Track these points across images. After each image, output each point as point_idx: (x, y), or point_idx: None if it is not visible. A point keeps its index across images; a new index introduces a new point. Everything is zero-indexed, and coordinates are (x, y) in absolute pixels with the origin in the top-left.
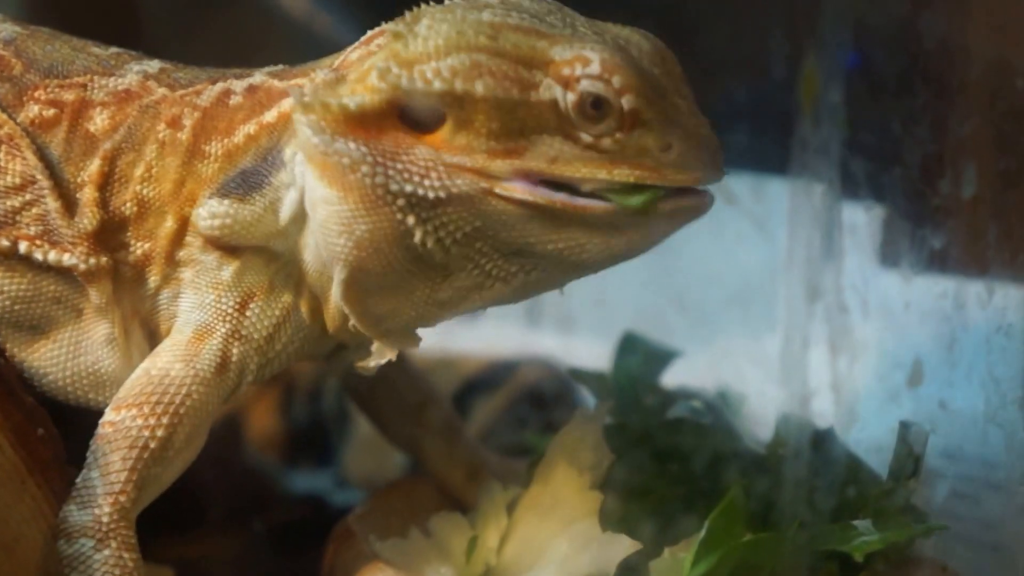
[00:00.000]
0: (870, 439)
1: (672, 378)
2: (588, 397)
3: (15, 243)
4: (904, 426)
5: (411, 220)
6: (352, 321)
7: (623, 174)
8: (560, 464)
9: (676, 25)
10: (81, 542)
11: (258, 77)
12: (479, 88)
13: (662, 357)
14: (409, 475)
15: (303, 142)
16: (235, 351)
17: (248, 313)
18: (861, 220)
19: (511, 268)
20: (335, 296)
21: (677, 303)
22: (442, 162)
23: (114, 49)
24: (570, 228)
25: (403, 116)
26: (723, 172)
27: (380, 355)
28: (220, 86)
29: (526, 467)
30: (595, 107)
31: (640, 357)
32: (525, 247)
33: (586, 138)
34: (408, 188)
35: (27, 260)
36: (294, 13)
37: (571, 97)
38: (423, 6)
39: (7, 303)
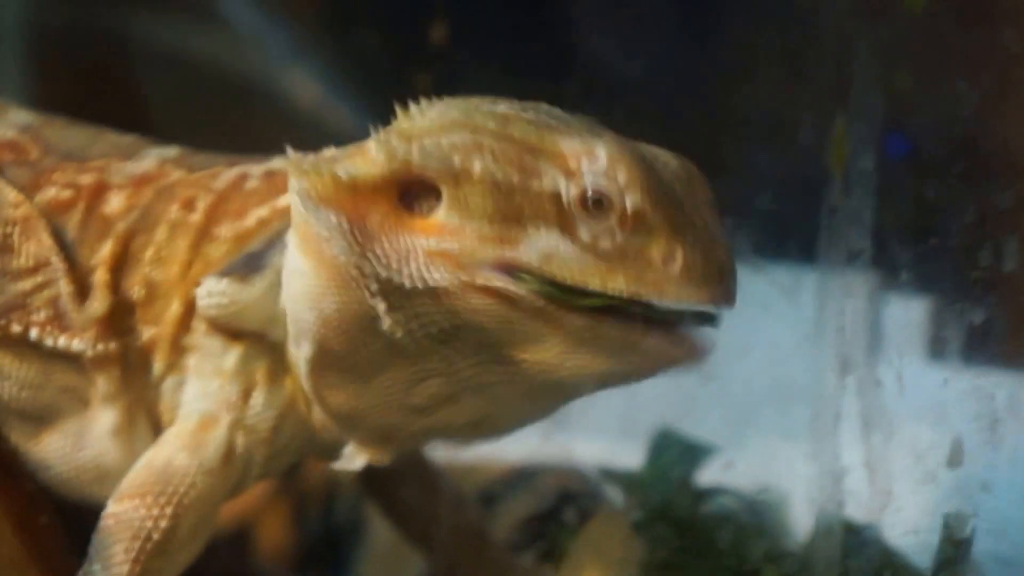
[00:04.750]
0: (906, 521)
1: (711, 475)
2: (618, 500)
3: (26, 329)
4: (949, 518)
5: (381, 306)
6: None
7: (618, 285)
8: (588, 560)
9: (702, 88)
10: None
11: (277, 163)
12: (477, 166)
13: (698, 453)
14: None
15: (292, 208)
16: (240, 441)
17: (251, 402)
18: (895, 293)
19: (488, 378)
20: (302, 377)
21: (717, 398)
22: (425, 249)
23: (132, 136)
24: (551, 339)
25: (403, 196)
26: (733, 299)
27: (350, 460)
28: (237, 170)
29: (553, 571)
30: (597, 203)
31: (674, 454)
32: (502, 356)
33: (585, 236)
34: (383, 273)
35: (37, 347)
36: (307, 106)
37: (573, 190)
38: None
39: (15, 390)
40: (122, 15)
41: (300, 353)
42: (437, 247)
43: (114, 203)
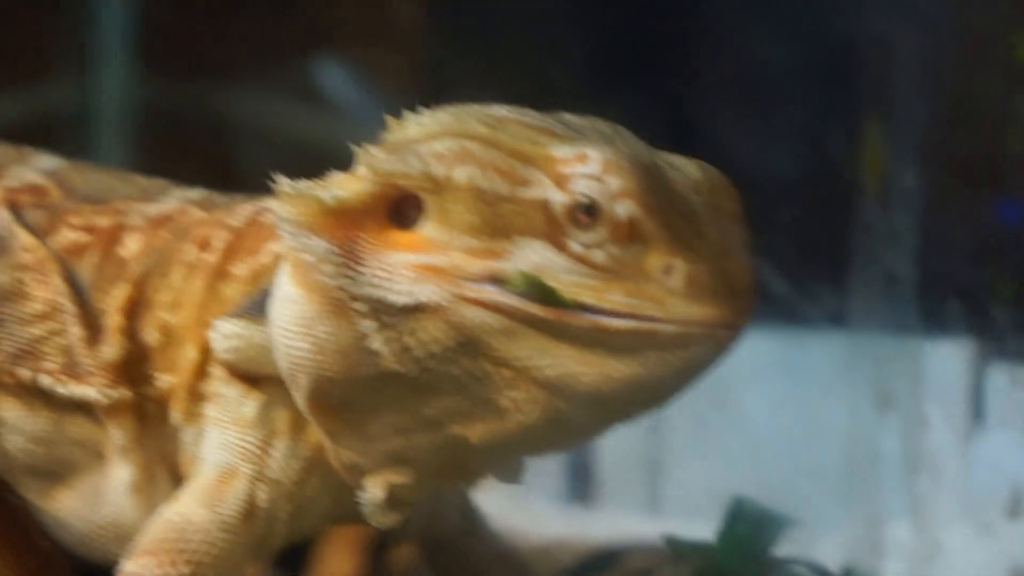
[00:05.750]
0: None
1: (794, 550)
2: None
3: (37, 376)
4: None
5: (372, 325)
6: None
7: (615, 300)
8: None
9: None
10: None
11: None
12: (460, 175)
13: (774, 524)
14: None
15: (280, 236)
16: (262, 495)
17: (273, 453)
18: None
19: (502, 401)
20: (303, 412)
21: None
22: (412, 265)
23: (162, 181)
24: (558, 349)
25: (395, 212)
26: (747, 316)
27: (373, 488)
28: (256, 206)
29: None
30: (587, 212)
31: (748, 524)
32: (515, 374)
33: (576, 247)
34: (372, 293)
35: (48, 397)
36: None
37: (563, 198)
38: None
39: (26, 444)
40: (225, 94)
41: (297, 387)
42: (423, 262)
43: (130, 245)
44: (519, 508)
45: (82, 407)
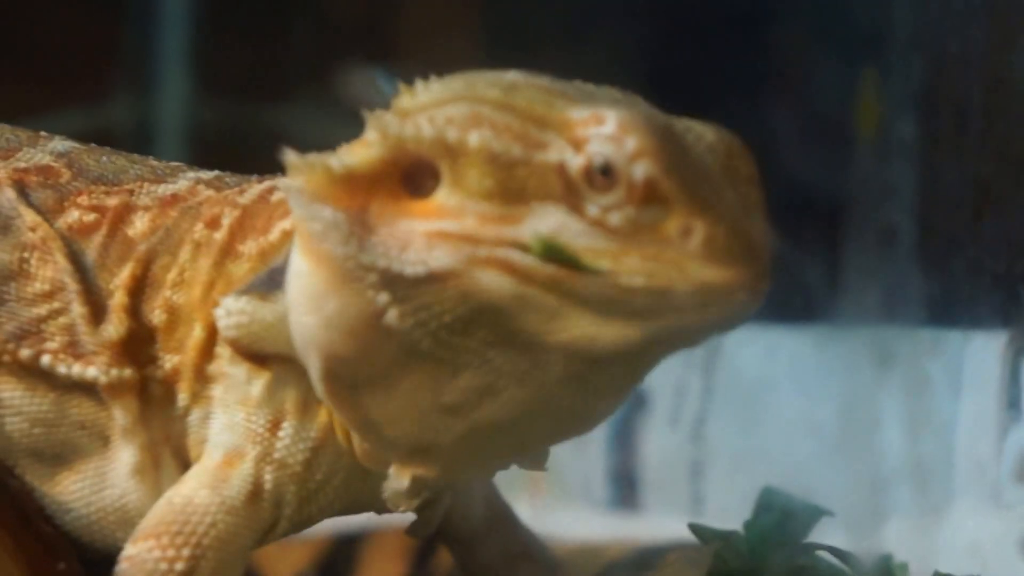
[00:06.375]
0: None
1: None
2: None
3: (38, 355)
4: None
5: (384, 298)
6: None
7: (632, 266)
8: None
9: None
10: None
11: None
12: (473, 139)
13: (807, 515)
14: None
15: (291, 207)
16: (268, 478)
17: (281, 434)
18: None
19: (522, 365)
20: (318, 393)
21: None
22: (424, 232)
23: (177, 163)
24: (574, 312)
25: (408, 180)
26: (767, 278)
27: (395, 480)
28: (266, 184)
29: None
30: (604, 173)
31: (778, 514)
32: (530, 339)
33: (593, 211)
34: (382, 263)
35: (50, 377)
36: None
37: (578, 160)
38: None
39: (27, 426)
40: (279, 110)
41: (310, 366)
42: (436, 228)
43: (138, 225)
44: (560, 513)
45: (85, 388)
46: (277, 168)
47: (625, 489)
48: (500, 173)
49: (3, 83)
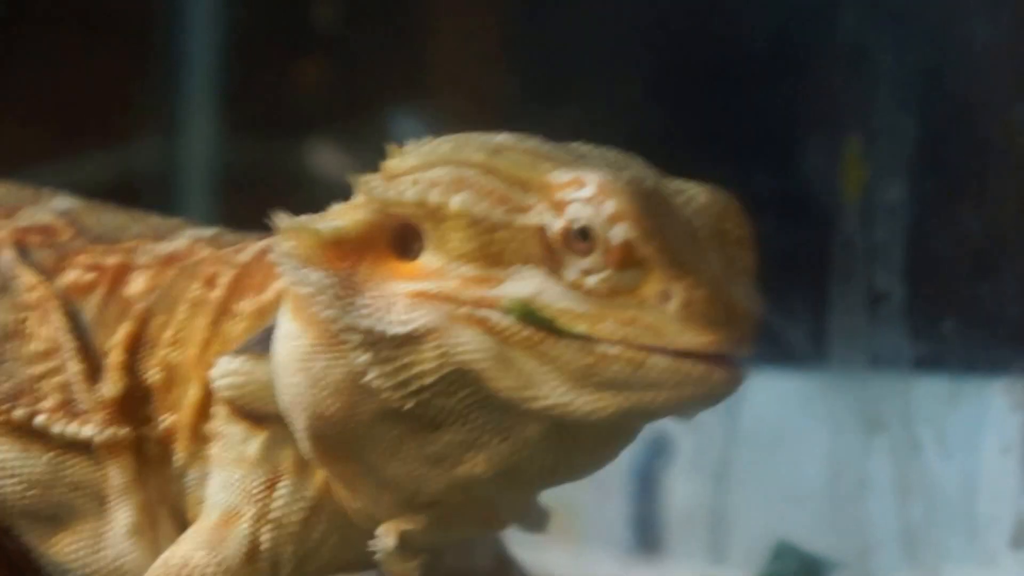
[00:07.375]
0: None
1: None
2: None
3: (32, 415)
4: None
5: (365, 358)
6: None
7: (608, 330)
8: None
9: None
10: None
11: None
12: (455, 202)
13: (818, 568)
14: None
15: (281, 271)
16: (265, 537)
17: (278, 493)
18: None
19: (505, 422)
20: (303, 452)
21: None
22: (407, 293)
23: (177, 220)
24: (550, 377)
25: (396, 242)
26: (746, 346)
27: (385, 536)
28: (264, 243)
29: None
30: (583, 236)
31: (791, 567)
32: (508, 401)
33: (571, 274)
34: (365, 323)
35: (45, 437)
36: None
37: (558, 223)
38: None
39: (22, 488)
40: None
41: (296, 425)
42: (419, 289)
43: (136, 284)
44: (581, 560)
45: (80, 447)
46: (303, 207)
47: (646, 535)
48: (482, 236)
49: (28, 125)
